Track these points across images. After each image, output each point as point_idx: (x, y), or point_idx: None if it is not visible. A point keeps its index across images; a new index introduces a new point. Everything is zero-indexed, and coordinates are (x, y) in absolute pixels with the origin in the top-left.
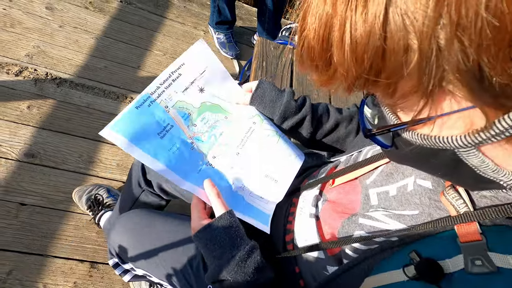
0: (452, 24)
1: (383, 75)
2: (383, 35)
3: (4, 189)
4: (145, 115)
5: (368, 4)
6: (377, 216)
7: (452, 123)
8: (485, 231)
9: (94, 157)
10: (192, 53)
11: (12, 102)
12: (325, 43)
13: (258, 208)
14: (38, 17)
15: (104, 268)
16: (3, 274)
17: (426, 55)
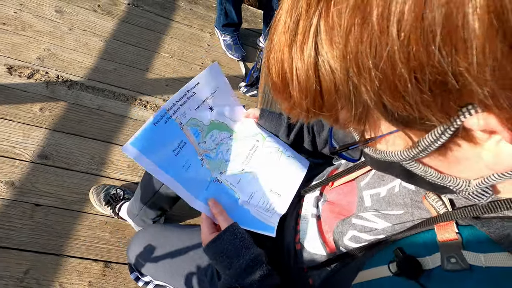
0: (355, 74)
1: (324, 109)
2: (317, 80)
3: (19, 190)
4: (162, 132)
5: (304, 53)
6: (367, 216)
7: (393, 141)
8: (461, 231)
9: (105, 159)
10: (207, 74)
11: (25, 104)
12: (284, 81)
13: (263, 222)
14: (48, 20)
15: (118, 268)
16: (21, 274)
17: (347, 95)
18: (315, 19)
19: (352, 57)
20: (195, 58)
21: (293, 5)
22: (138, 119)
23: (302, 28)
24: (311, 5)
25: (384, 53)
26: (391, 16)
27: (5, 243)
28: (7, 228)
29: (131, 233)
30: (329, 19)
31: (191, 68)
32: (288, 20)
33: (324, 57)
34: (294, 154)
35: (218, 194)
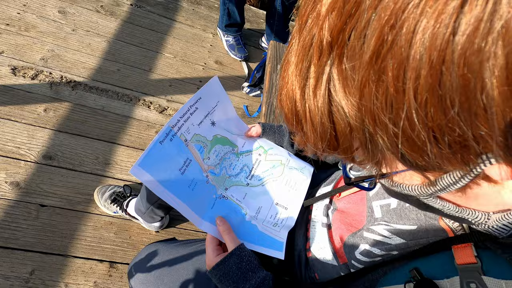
0: (371, 125)
1: (339, 151)
2: (331, 125)
3: (24, 190)
4: (168, 151)
5: (317, 98)
6: (379, 230)
7: (410, 176)
8: (480, 254)
9: (110, 159)
10: (208, 89)
11: (29, 105)
12: (296, 118)
13: (272, 236)
14: (51, 21)
15: (123, 268)
16: (26, 274)
17: (363, 140)
18: (328, 68)
19: (367, 110)
20: (198, 59)
21: (304, 51)
22: (142, 119)
23: (314, 73)
24: (322, 54)
25: (401, 112)
26: (406, 80)
27: (10, 244)
28: (13, 229)
29: (135, 233)
30: (342, 70)
31: (194, 69)
32: (299, 64)
33: (338, 103)
34: (297, 164)
35: (225, 211)
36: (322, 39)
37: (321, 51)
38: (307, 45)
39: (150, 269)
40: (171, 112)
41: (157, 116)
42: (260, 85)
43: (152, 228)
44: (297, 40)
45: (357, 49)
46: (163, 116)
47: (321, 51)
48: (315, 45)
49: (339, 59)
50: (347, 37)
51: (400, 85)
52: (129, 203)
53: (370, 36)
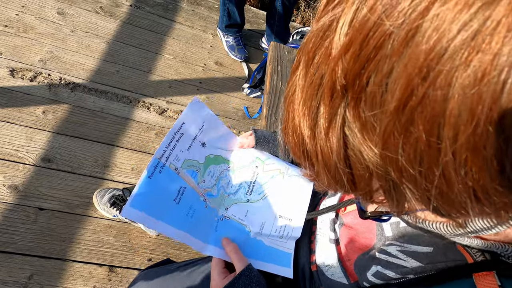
0: (398, 176)
1: (357, 192)
2: (348, 170)
3: (23, 194)
4: (158, 184)
5: (330, 139)
6: (393, 252)
7: None
8: (504, 284)
9: (109, 162)
10: (189, 112)
11: (28, 107)
12: (305, 155)
13: (279, 249)
14: (50, 22)
15: (123, 272)
16: (25, 279)
17: (386, 188)
18: (341, 110)
19: (393, 161)
20: (198, 60)
21: (312, 89)
22: (142, 121)
23: (325, 113)
24: (335, 96)
25: (434, 168)
26: (442, 137)
27: (9, 248)
28: (11, 233)
29: (135, 237)
30: (359, 115)
31: (194, 70)
32: (307, 101)
33: (355, 147)
34: (296, 171)
35: (229, 232)
36: (335, 80)
37: (333, 93)
38: (316, 83)
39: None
40: (170, 113)
41: (157, 118)
42: (260, 86)
43: (152, 233)
44: (303, 74)
45: (378, 97)
46: (163, 118)
47: (333, 92)
48: (325, 85)
49: (356, 102)
50: (365, 82)
51: (434, 141)
52: None
53: (394, 85)
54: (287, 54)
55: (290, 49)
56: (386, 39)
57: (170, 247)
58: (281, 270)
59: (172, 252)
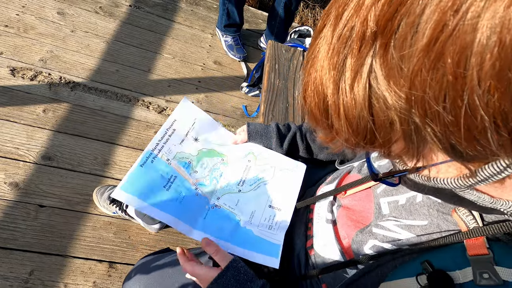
0: (421, 116)
1: (376, 144)
2: (370, 117)
3: (23, 191)
4: (150, 171)
5: (354, 91)
6: (389, 226)
7: (445, 168)
8: (492, 246)
9: (109, 159)
10: (180, 110)
11: (28, 106)
12: (325, 114)
13: (268, 240)
14: (50, 22)
15: (122, 268)
16: (25, 275)
17: (407, 132)
18: (369, 59)
19: (418, 100)
20: (197, 59)
21: (340, 43)
22: (141, 119)
23: (351, 66)
24: (364, 45)
25: (459, 100)
26: (469, 66)
27: (9, 244)
28: (12, 229)
29: (134, 233)
30: (387, 61)
31: (193, 69)
32: (334, 57)
33: (379, 96)
34: (288, 165)
35: (219, 220)
36: (365, 29)
37: (362, 42)
38: (345, 37)
39: (141, 285)
40: (170, 112)
41: (156, 116)
42: (259, 85)
43: (151, 230)
44: (330, 34)
45: (409, 37)
46: (162, 116)
47: (362, 42)
48: (355, 36)
49: (385, 49)
50: (396, 26)
51: (460, 71)
52: None
53: (425, 24)
54: (285, 52)
55: (288, 47)
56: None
57: (170, 243)
58: (268, 260)
59: (171, 248)
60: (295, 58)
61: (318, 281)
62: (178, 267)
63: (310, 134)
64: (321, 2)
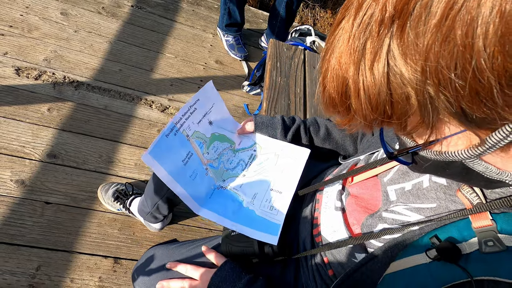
0: (435, 85)
1: (394, 117)
2: (389, 92)
3: (29, 188)
4: (173, 143)
5: (374, 71)
6: (399, 210)
7: (455, 141)
8: (495, 217)
9: (113, 157)
10: (204, 91)
11: (33, 105)
12: (344, 96)
13: (269, 220)
14: (54, 23)
15: (127, 264)
16: (32, 270)
17: (423, 102)
18: (387, 40)
19: (432, 70)
20: (199, 59)
21: (361, 29)
22: (144, 118)
23: (371, 48)
24: (383, 29)
25: (468, 65)
26: (476, 35)
27: (17, 241)
28: (19, 226)
29: (139, 229)
30: (404, 39)
31: (195, 68)
32: (354, 42)
33: (396, 72)
34: (291, 153)
35: (223, 200)
36: (384, 14)
37: (381, 26)
38: (365, 23)
39: (151, 272)
40: (172, 111)
41: (159, 115)
42: (260, 84)
43: (152, 229)
44: (350, 23)
45: (423, 17)
46: (165, 115)
47: (381, 26)
48: (374, 22)
49: (402, 29)
50: (411, 8)
51: (469, 41)
52: (132, 202)
53: (437, 3)
54: (286, 51)
55: (289, 46)
56: None
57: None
58: (268, 237)
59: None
60: (296, 56)
61: (325, 267)
62: (186, 251)
63: (313, 128)
64: (320, 2)
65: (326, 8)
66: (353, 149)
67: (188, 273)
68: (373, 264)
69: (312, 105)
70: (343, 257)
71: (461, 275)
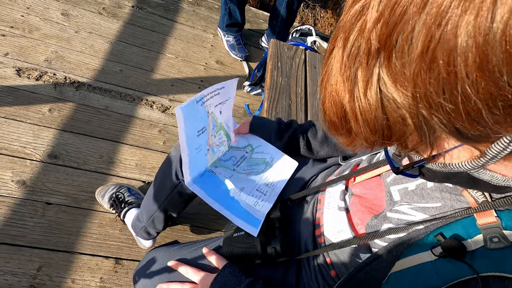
0: (427, 108)
1: (393, 139)
2: (384, 116)
3: (30, 189)
4: (198, 111)
5: (368, 97)
6: (404, 210)
7: (458, 153)
8: (499, 214)
9: (114, 158)
10: (229, 83)
11: (34, 105)
12: (343, 120)
13: (251, 214)
14: (54, 23)
15: (128, 264)
16: (34, 270)
17: (418, 124)
18: (376, 69)
19: (422, 95)
20: (199, 59)
21: (350, 60)
22: (145, 118)
23: (362, 77)
24: (371, 59)
25: (455, 91)
26: (457, 64)
27: (18, 241)
28: (20, 227)
29: None
30: (391, 69)
31: (195, 69)
32: (346, 72)
33: (389, 97)
34: (281, 162)
35: (212, 183)
36: (370, 47)
37: (368, 57)
38: (353, 54)
39: (152, 275)
40: (173, 111)
41: (160, 115)
42: (261, 84)
43: (142, 246)
44: (340, 53)
45: (406, 48)
46: (166, 115)
47: (368, 57)
48: (362, 53)
49: (388, 60)
50: (394, 41)
51: (451, 69)
52: (127, 213)
53: (417, 36)
54: (287, 51)
55: (290, 46)
56: (408, 6)
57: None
58: (248, 227)
59: (179, 241)
60: (297, 56)
61: (327, 268)
62: (187, 253)
63: (311, 132)
64: (321, 2)
65: (326, 8)
66: (361, 150)
67: (188, 275)
68: (378, 264)
69: (313, 105)
70: (347, 257)
71: (467, 271)
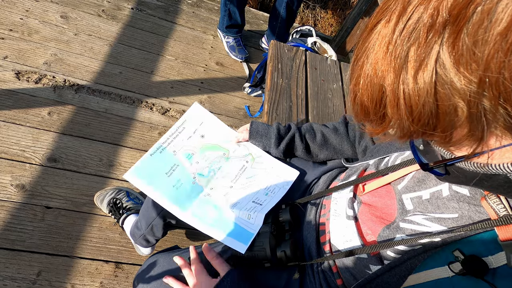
0: (494, 97)
1: (438, 129)
2: (435, 103)
3: (30, 193)
4: (157, 160)
5: (418, 80)
6: (418, 220)
7: (502, 153)
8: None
9: (113, 161)
10: (191, 112)
11: (33, 108)
12: (378, 105)
13: (244, 228)
14: (54, 26)
15: (129, 268)
16: (33, 275)
17: (475, 115)
18: (437, 47)
19: (493, 82)
20: (199, 60)
21: (403, 35)
22: (145, 121)
23: (416, 56)
24: (432, 35)
25: None
26: None
27: (17, 246)
28: (19, 231)
29: None
30: (458, 47)
31: (195, 70)
32: (396, 48)
33: (446, 81)
34: (280, 172)
35: (206, 207)
36: (435, 20)
37: (429, 32)
38: (409, 29)
39: (151, 280)
40: (173, 113)
41: (160, 118)
42: (261, 85)
43: (140, 253)
44: (390, 27)
45: (485, 23)
46: (166, 118)
47: (429, 32)
48: (422, 27)
49: (456, 36)
50: (470, 13)
51: None
52: (125, 220)
53: (502, 11)
54: (287, 52)
55: (290, 47)
56: None
57: (175, 244)
58: (236, 244)
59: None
60: (297, 57)
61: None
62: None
63: (309, 135)
64: (321, 3)
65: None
66: (352, 153)
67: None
68: (390, 277)
69: (314, 106)
70: (356, 267)
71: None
